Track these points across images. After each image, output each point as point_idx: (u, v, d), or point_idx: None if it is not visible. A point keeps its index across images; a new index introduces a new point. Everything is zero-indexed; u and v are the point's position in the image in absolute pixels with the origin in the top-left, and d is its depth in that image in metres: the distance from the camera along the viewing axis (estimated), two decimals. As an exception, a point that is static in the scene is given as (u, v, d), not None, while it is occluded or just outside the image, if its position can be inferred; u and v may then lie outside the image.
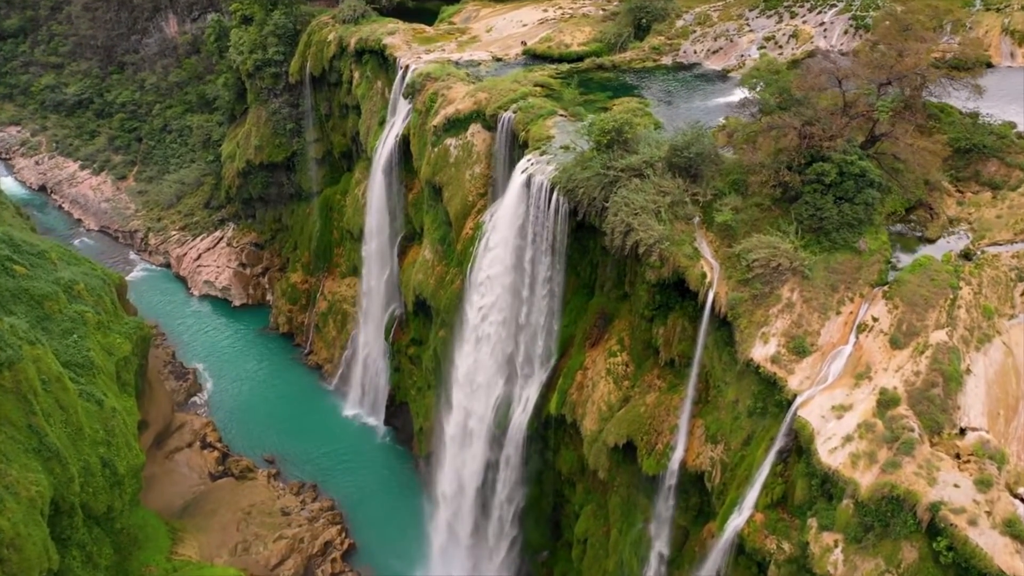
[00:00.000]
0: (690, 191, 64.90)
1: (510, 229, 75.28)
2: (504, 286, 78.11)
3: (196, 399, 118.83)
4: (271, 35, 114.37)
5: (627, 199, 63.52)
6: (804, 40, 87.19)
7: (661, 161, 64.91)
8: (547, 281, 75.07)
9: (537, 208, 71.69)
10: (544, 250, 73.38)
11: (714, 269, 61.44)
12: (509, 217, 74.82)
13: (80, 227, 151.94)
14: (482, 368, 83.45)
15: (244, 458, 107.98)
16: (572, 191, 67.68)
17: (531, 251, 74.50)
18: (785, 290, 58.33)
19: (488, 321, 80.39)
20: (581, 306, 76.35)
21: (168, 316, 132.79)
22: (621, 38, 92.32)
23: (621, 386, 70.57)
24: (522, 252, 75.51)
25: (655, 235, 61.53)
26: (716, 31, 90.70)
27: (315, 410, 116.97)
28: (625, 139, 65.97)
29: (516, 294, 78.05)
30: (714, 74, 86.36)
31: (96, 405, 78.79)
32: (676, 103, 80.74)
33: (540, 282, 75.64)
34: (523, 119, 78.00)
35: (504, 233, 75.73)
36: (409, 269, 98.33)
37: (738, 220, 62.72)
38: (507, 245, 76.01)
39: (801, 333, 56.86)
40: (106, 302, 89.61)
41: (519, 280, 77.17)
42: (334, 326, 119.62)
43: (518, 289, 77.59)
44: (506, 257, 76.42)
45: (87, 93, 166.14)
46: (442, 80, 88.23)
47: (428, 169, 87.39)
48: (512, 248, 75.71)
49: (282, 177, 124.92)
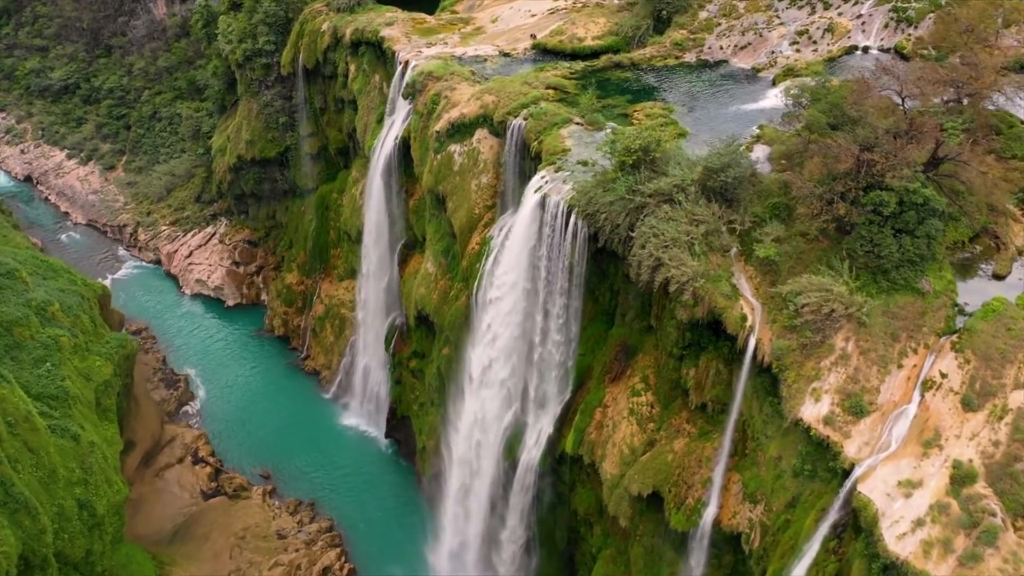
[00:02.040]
0: (726, 218, 56.87)
1: (522, 250, 67.35)
2: (515, 310, 70.27)
3: (188, 408, 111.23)
4: (261, 23, 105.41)
5: (656, 229, 55.52)
6: (841, 35, 78.61)
7: (694, 184, 56.75)
8: (563, 307, 67.27)
9: (552, 231, 63.68)
10: (560, 275, 65.46)
11: (755, 310, 53.64)
12: (521, 238, 66.83)
13: (67, 221, 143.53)
14: (490, 395, 75.85)
15: (238, 475, 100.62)
16: (592, 216, 59.69)
17: (545, 275, 66.63)
18: (839, 339, 50.56)
19: (498, 347, 72.61)
20: (599, 335, 68.58)
21: (159, 317, 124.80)
22: (639, 31, 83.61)
23: (645, 428, 63.00)
24: (535, 275, 67.63)
25: (688, 272, 53.63)
26: (743, 24, 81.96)
27: (313, 420, 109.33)
28: (652, 158, 57.79)
29: (529, 319, 70.30)
30: (742, 73, 77.85)
31: (71, 441, 71.29)
32: (703, 108, 72.36)
33: (555, 308, 67.84)
34: (535, 127, 69.71)
35: (515, 255, 67.81)
36: (410, 280, 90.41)
37: (781, 253, 54.74)
38: (519, 267, 68.11)
39: (858, 390, 49.20)
40: (84, 321, 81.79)
41: (532, 305, 69.40)
42: (332, 331, 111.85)
43: (531, 314, 69.85)
44: (518, 281, 68.56)
45: (73, 78, 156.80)
46: (445, 80, 79.69)
47: (430, 177, 79.18)
48: (524, 271, 67.82)
49: (275, 173, 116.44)
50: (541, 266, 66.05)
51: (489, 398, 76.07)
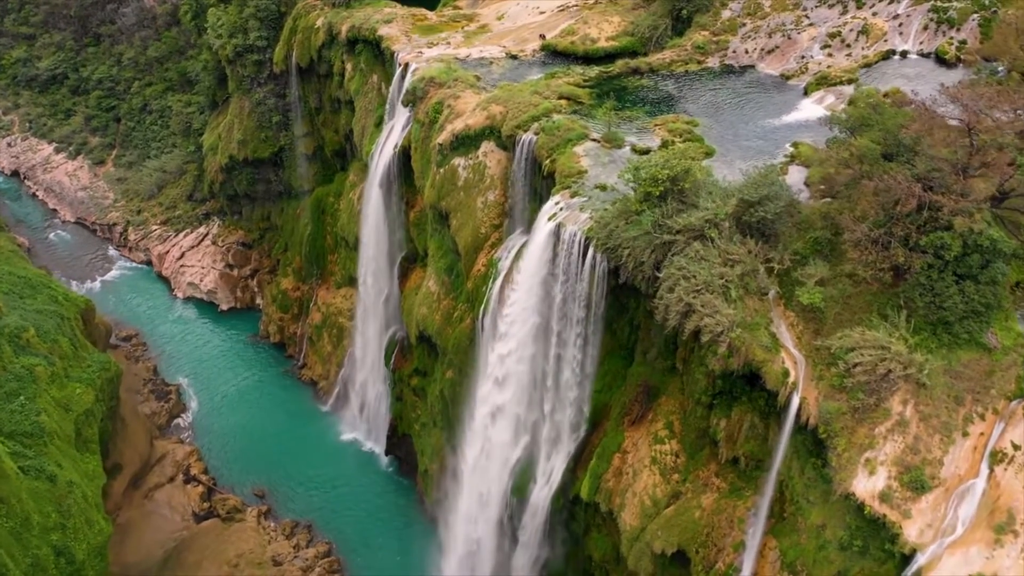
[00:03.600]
0: (762, 255, 50.33)
1: (534, 280, 60.93)
2: (526, 342, 63.95)
3: (179, 421, 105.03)
4: (252, 17, 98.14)
5: (686, 270, 48.99)
6: (876, 38, 71.61)
7: (727, 219, 50.14)
8: (579, 342, 60.86)
9: (568, 263, 57.13)
10: (576, 309, 59.01)
11: (798, 364, 47.28)
12: (533, 267, 60.42)
13: (55, 218, 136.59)
14: (498, 428, 69.69)
15: (231, 496, 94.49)
16: (614, 250, 53.14)
17: (559, 307, 60.16)
18: (895, 402, 44.23)
19: (507, 379, 66.32)
20: (617, 371, 62.22)
21: (150, 322, 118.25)
22: (656, 32, 76.59)
23: (669, 479, 56.78)
24: (548, 307, 61.19)
25: (724, 322, 47.19)
26: (770, 25, 74.88)
27: (310, 434, 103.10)
28: (681, 189, 51.11)
29: (541, 351, 64.00)
30: (771, 81, 70.94)
31: (47, 482, 65.20)
32: (729, 121, 65.55)
33: (570, 342, 61.43)
34: (547, 143, 62.98)
35: (527, 285, 61.36)
36: (411, 296, 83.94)
37: (826, 298, 48.26)
38: (530, 298, 61.70)
39: (918, 462, 42.98)
40: (63, 345, 75.42)
41: (544, 337, 63.06)
42: (329, 340, 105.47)
43: (544, 346, 63.53)
44: (529, 312, 62.16)
45: (61, 68, 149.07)
46: (448, 87, 72.78)
47: (433, 192, 72.49)
48: (536, 302, 61.41)
49: (269, 174, 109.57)
50: (555, 298, 59.58)
51: (497, 431, 69.92)
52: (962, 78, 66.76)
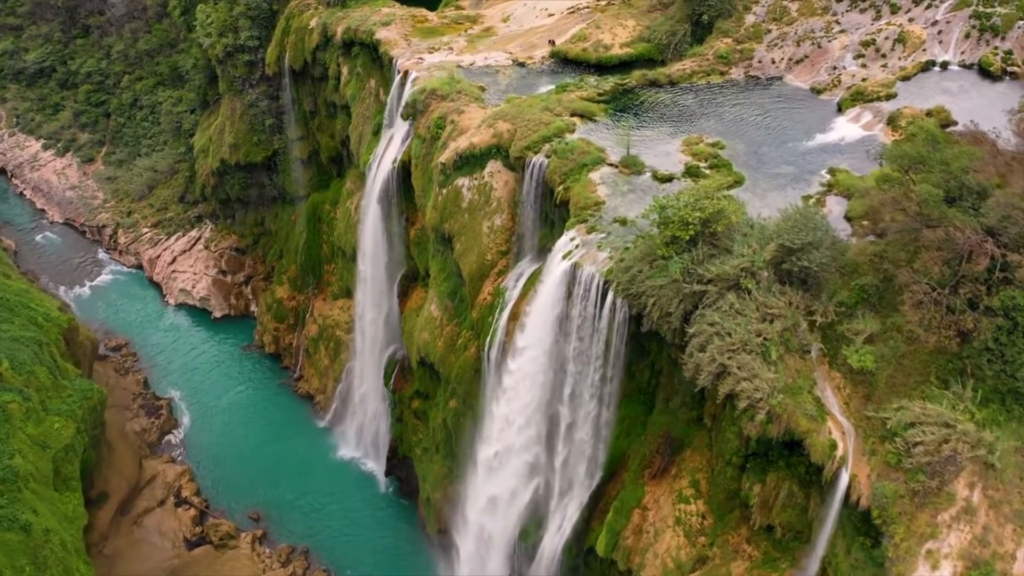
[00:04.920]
0: (803, 306, 44.48)
1: (547, 319, 55.09)
2: (538, 383, 58.24)
3: (171, 437, 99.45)
4: (243, 16, 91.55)
5: (720, 327, 43.16)
6: (914, 47, 65.32)
7: (765, 266, 44.23)
8: (595, 387, 55.14)
9: (585, 306, 51.25)
10: (592, 353, 53.25)
11: (847, 435, 41.57)
12: (546, 306, 54.59)
13: (43, 219, 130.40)
14: (507, 469, 64.18)
15: (224, 521, 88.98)
16: (636, 297, 47.23)
17: (575, 350, 54.37)
18: (961, 486, 38.57)
19: (517, 420, 60.71)
20: (636, 416, 56.54)
21: (140, 331, 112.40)
22: (674, 38, 70.23)
23: (695, 542, 51.24)
24: (562, 349, 55.45)
25: (764, 388, 41.40)
26: (798, 31, 68.52)
27: (307, 451, 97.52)
28: (713, 231, 45.15)
29: (555, 392, 58.32)
30: (800, 94, 64.74)
31: (21, 533, 59.68)
32: (757, 142, 59.43)
33: (586, 385, 55.72)
34: (560, 168, 56.92)
35: (539, 324, 55.54)
36: (412, 318, 78.14)
37: (878, 357, 42.46)
38: (543, 338, 55.94)
39: (988, 556, 37.40)
40: (41, 376, 69.72)
41: (558, 378, 57.38)
42: (326, 354, 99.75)
43: (557, 388, 57.87)
44: (541, 351, 56.42)
45: (49, 60, 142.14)
46: (451, 99, 66.55)
47: (435, 214, 66.49)
48: (550, 342, 55.63)
49: (263, 178, 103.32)
50: (569, 340, 53.76)
51: (505, 472, 64.41)
52: (1007, 92, 60.99)
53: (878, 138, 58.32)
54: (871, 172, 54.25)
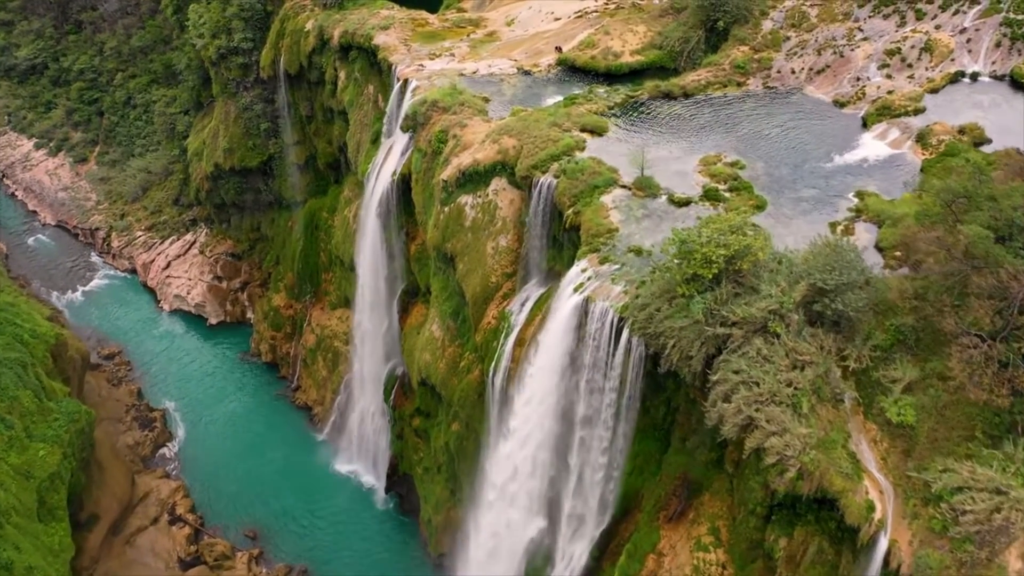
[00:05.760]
0: (835, 349, 40.78)
1: (556, 354, 51.39)
2: (546, 416, 54.61)
3: (165, 451, 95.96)
4: (236, 17, 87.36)
5: (746, 375, 39.52)
6: (942, 56, 61.31)
7: (795, 308, 40.49)
8: (608, 422, 51.48)
9: (598, 343, 47.54)
10: (606, 390, 49.57)
11: (886, 495, 37.95)
12: (556, 340, 50.85)
13: (35, 221, 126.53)
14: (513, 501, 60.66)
15: (220, 541, 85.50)
16: (654, 337, 43.50)
17: (586, 385, 50.70)
18: (1013, 556, 35.03)
19: (524, 453, 57.12)
20: (650, 453, 52.90)
21: (134, 338, 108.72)
22: (688, 46, 66.20)
23: (715, 592, 47.69)
24: (572, 384, 51.80)
25: (796, 444, 37.75)
26: (818, 39, 64.49)
27: (305, 465, 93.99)
28: (738, 268, 41.37)
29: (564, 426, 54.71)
30: (822, 108, 60.73)
31: (2, 572, 56.12)
32: (779, 161, 55.54)
33: (598, 421, 52.11)
34: (570, 189, 53.11)
35: (548, 358, 51.85)
36: (412, 335, 74.50)
37: (918, 407, 38.81)
38: (552, 372, 52.24)
39: (1044, 636, 33.74)
40: (24, 401, 66.22)
41: (568, 412, 53.74)
42: (324, 365, 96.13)
43: (567, 422, 54.23)
44: (550, 388, 52.77)
45: (40, 57, 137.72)
46: (453, 112, 62.61)
47: (437, 233, 62.71)
48: (558, 379, 51.92)
49: (258, 183, 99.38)
50: (581, 379, 50.10)
51: (511, 504, 60.92)
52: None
53: (907, 157, 54.52)
54: (902, 196, 50.62)
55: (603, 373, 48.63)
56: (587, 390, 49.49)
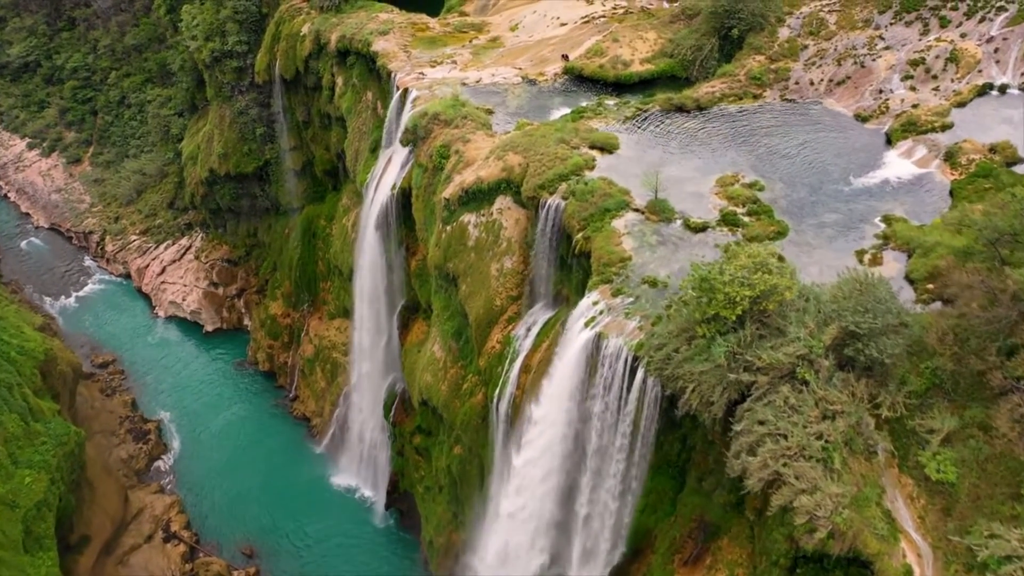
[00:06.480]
0: (869, 396, 37.62)
1: (566, 389, 48.21)
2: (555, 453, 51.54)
3: (160, 464, 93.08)
4: (230, 20, 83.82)
5: (773, 427, 36.34)
6: (968, 67, 57.88)
7: (825, 352, 37.31)
8: (620, 461, 48.37)
9: (611, 382, 44.37)
10: (619, 428, 46.43)
11: (924, 559, 34.83)
12: (566, 376, 47.63)
13: (28, 223, 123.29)
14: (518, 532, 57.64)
15: (216, 560, 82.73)
16: (672, 380, 40.32)
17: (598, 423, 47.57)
18: (1066, 634, 31.83)
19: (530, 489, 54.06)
20: (664, 491, 49.81)
21: (129, 346, 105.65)
22: (701, 53, 62.80)
23: (733, 643, 44.71)
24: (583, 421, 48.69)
25: (828, 504, 34.59)
26: (837, 48, 61.06)
27: (303, 479, 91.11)
28: (763, 308, 38.14)
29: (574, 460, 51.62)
30: (843, 122, 57.33)
31: (-16, 611, 53.22)
32: (799, 181, 52.23)
33: (610, 458, 49.01)
34: (579, 212, 49.82)
35: (557, 393, 48.72)
36: (412, 353, 71.39)
37: (958, 461, 35.69)
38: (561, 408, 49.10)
39: None
40: (10, 426, 63.33)
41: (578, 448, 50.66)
42: (322, 376, 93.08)
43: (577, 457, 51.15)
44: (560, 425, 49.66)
45: (33, 55, 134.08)
46: (455, 126, 59.28)
47: (438, 253, 59.47)
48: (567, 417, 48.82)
49: (254, 188, 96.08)
50: (592, 418, 46.97)
51: (517, 534, 57.92)
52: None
53: (935, 177, 51.22)
54: (932, 221, 47.35)
55: (615, 412, 45.50)
56: (598, 427, 46.39)
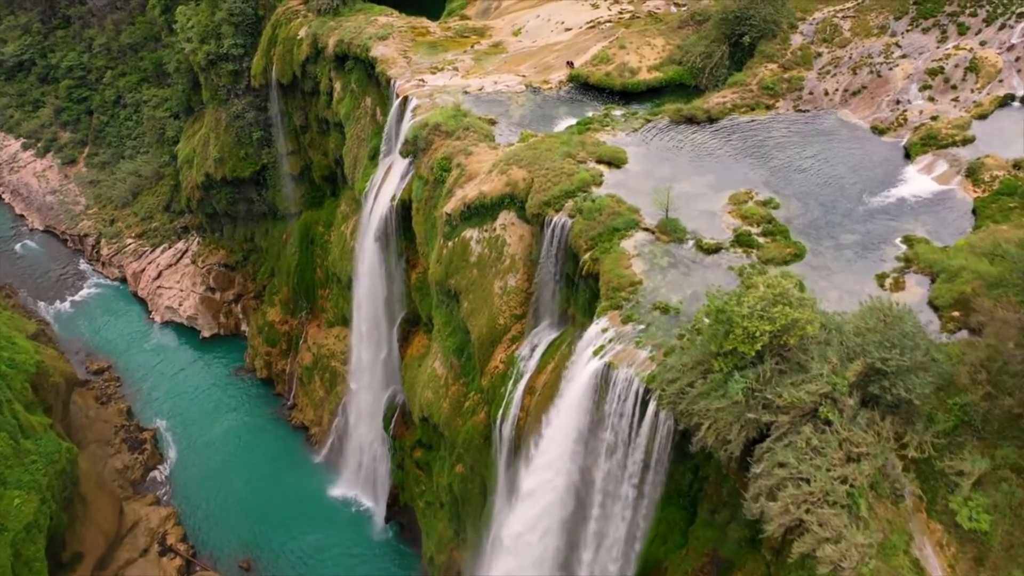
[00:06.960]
0: (895, 435, 35.44)
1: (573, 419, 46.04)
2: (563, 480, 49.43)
3: (156, 474, 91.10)
4: (225, 22, 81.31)
5: (795, 470, 34.13)
6: (988, 77, 55.50)
7: (849, 391, 35.10)
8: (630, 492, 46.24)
9: (620, 415, 42.19)
10: (628, 468, 44.29)
11: (955, 612, 32.67)
12: (573, 405, 45.45)
13: (23, 225, 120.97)
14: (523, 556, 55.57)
15: (213, 574, 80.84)
16: (686, 415, 38.14)
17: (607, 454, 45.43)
18: None
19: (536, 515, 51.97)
20: (674, 522, 47.69)
21: (125, 352, 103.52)
22: (711, 61, 60.41)
23: None
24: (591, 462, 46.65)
25: (854, 555, 32.45)
26: (852, 56, 58.66)
27: (302, 489, 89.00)
28: (784, 342, 35.90)
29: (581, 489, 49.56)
30: (859, 135, 54.96)
31: (-30, 642, 51.15)
32: (814, 199, 49.91)
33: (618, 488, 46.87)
34: (587, 231, 47.57)
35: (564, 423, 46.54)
36: (413, 367, 69.24)
37: (990, 508, 33.55)
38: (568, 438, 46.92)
39: None
40: None
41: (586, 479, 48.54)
42: (321, 384, 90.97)
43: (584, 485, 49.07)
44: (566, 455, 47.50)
45: (28, 53, 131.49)
46: (457, 137, 56.97)
47: (439, 269, 57.22)
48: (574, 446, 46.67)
49: (251, 193, 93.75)
50: (601, 444, 44.82)
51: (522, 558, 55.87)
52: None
53: (956, 194, 48.92)
54: (956, 243, 45.09)
55: (626, 443, 43.35)
56: (607, 458, 44.24)
